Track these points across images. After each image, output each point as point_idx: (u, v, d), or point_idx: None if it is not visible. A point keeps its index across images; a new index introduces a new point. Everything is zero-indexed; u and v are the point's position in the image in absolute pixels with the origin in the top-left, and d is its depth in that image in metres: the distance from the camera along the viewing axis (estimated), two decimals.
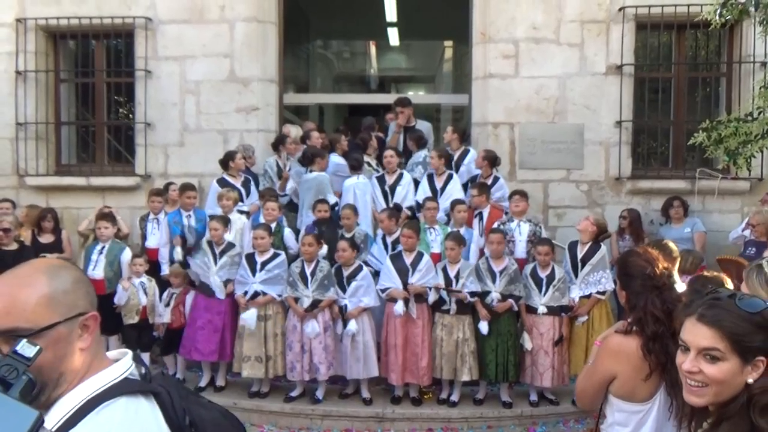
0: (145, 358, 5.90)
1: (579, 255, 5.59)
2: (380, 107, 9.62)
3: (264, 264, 5.51)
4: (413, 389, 5.51)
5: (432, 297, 5.34)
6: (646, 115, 7.23)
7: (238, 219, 6.14)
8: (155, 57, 7.24)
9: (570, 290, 5.51)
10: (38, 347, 1.00)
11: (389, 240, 5.83)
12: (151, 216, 6.45)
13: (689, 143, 5.13)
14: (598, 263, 5.48)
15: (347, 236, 5.69)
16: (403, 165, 6.66)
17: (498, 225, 5.86)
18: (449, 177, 6.34)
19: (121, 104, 7.87)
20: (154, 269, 6.08)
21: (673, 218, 6.50)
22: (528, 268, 5.58)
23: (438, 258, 5.72)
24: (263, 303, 5.46)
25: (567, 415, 5.34)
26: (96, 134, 7.71)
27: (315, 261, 5.43)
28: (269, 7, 7.31)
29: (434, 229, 5.93)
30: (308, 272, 5.40)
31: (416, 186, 6.44)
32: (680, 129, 7.06)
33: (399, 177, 6.38)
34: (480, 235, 5.93)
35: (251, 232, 5.79)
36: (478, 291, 5.35)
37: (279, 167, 6.68)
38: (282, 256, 5.63)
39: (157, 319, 5.84)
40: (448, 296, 5.33)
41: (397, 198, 6.32)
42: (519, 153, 7.02)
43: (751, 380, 1.45)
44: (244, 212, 6.31)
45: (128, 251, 6.07)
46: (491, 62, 7.03)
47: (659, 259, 2.29)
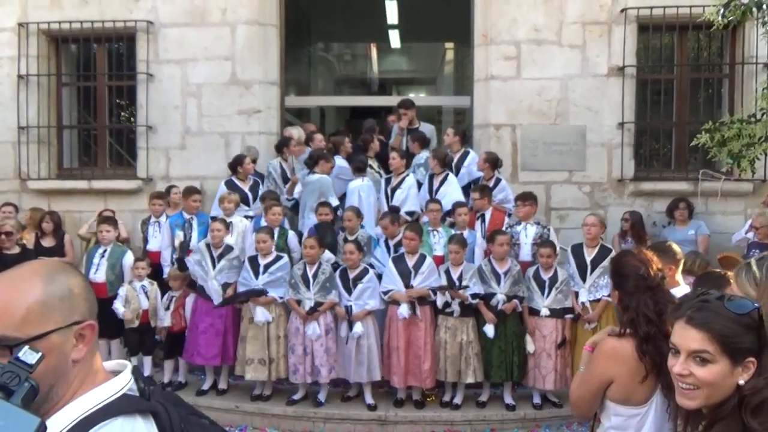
0: (148, 362, 5.90)
1: (588, 258, 5.53)
2: (381, 109, 9.63)
3: (267, 266, 5.50)
4: (416, 392, 5.49)
5: (440, 300, 5.31)
6: (648, 117, 7.21)
7: (240, 222, 6.14)
8: (157, 60, 7.24)
9: (579, 294, 5.48)
10: (40, 354, 0.96)
11: (392, 243, 5.81)
12: (153, 219, 6.45)
13: (692, 145, 5.10)
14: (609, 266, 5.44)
15: (350, 239, 5.68)
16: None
17: (506, 227, 5.85)
18: (444, 178, 6.32)
19: (123, 107, 7.86)
20: (156, 272, 6.07)
21: (678, 220, 6.48)
22: (531, 271, 5.56)
23: (441, 260, 5.70)
24: (265, 303, 5.45)
25: (570, 418, 5.31)
26: (98, 138, 7.70)
27: (317, 263, 5.43)
28: (270, 10, 7.31)
29: (437, 231, 5.91)
30: (310, 275, 5.39)
31: (420, 187, 6.42)
32: (682, 130, 7.04)
33: (401, 180, 6.37)
34: (482, 237, 5.92)
35: (253, 235, 5.77)
36: (482, 293, 5.34)
37: (283, 169, 6.67)
38: (285, 259, 5.62)
39: (159, 323, 5.84)
40: (451, 298, 5.31)
41: (396, 201, 6.30)
42: (521, 155, 7.00)
43: (742, 381, 1.44)
44: (250, 216, 6.30)
45: (130, 254, 6.07)
46: (493, 64, 7.02)
47: (653, 261, 2.28)
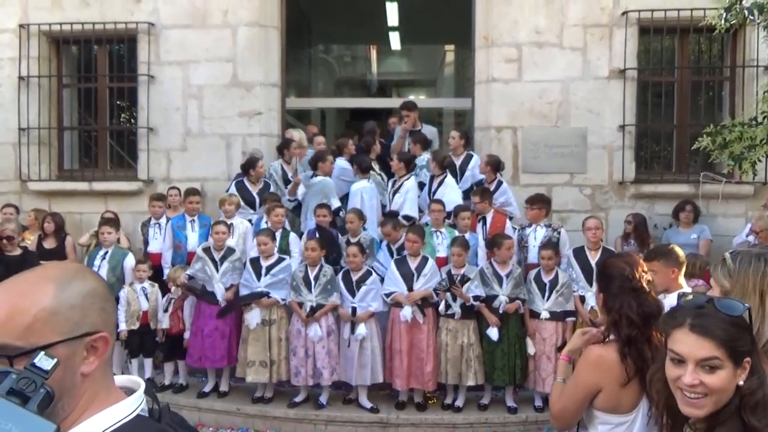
0: (148, 364, 5.89)
1: (592, 261, 5.50)
2: (382, 111, 9.63)
3: (269, 268, 5.49)
4: (418, 394, 5.48)
5: (442, 305, 5.29)
6: (649, 119, 7.22)
7: (241, 223, 6.14)
8: (158, 62, 7.24)
9: (585, 298, 5.45)
10: (56, 360, 0.94)
11: (394, 247, 5.79)
12: (153, 221, 6.43)
13: (693, 147, 5.11)
14: None
15: (353, 241, 5.67)
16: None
17: (517, 230, 5.88)
18: (442, 180, 6.31)
19: (124, 109, 7.86)
20: (157, 274, 6.06)
21: (682, 222, 6.45)
22: (532, 273, 5.56)
23: (444, 262, 5.69)
24: (267, 305, 5.44)
25: None
26: (98, 139, 7.69)
27: (318, 265, 5.42)
28: (271, 12, 7.31)
29: (440, 233, 5.89)
30: (311, 277, 5.38)
31: (422, 189, 6.42)
32: (683, 133, 7.05)
33: (401, 185, 6.33)
34: (483, 240, 5.91)
35: (255, 239, 5.76)
36: (484, 295, 5.33)
37: (284, 171, 6.67)
38: (287, 261, 5.61)
39: (159, 325, 5.83)
40: (452, 298, 5.29)
41: (394, 205, 6.31)
42: (522, 157, 7.00)
43: (741, 382, 1.45)
44: (249, 219, 6.30)
45: (131, 257, 6.06)
46: (494, 66, 7.02)
47: (640, 264, 2.26)
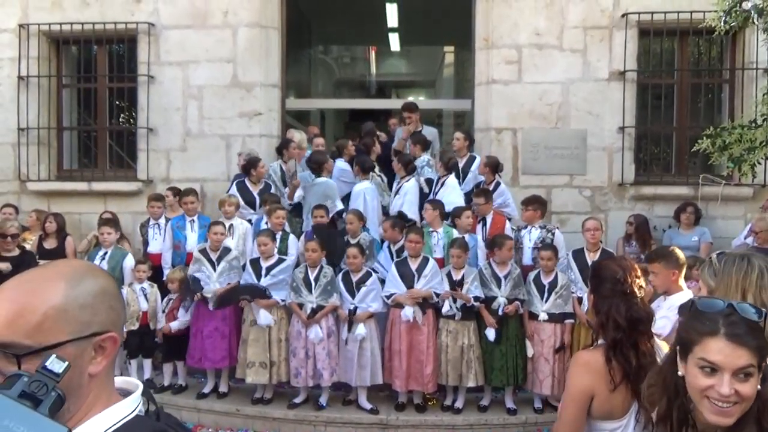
0: (147, 365, 5.88)
1: (591, 262, 5.44)
2: (381, 112, 9.64)
3: (269, 269, 5.49)
4: (417, 396, 5.48)
5: (446, 307, 5.28)
6: (649, 121, 7.24)
7: (241, 224, 6.13)
8: (158, 62, 7.24)
9: (583, 299, 5.43)
10: (67, 363, 0.93)
11: (394, 248, 5.78)
12: (152, 221, 6.42)
13: (693, 149, 5.12)
14: None
15: (353, 242, 5.67)
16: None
17: (512, 231, 5.86)
18: (444, 181, 6.32)
19: (123, 109, 7.86)
20: (157, 274, 6.05)
21: (683, 224, 6.45)
22: (531, 275, 5.55)
23: (440, 263, 5.67)
24: (267, 305, 5.43)
25: None
26: (98, 139, 7.69)
27: (318, 267, 5.41)
28: (272, 13, 7.32)
29: (437, 233, 5.87)
30: (312, 278, 5.38)
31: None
32: (683, 135, 7.07)
33: (400, 186, 6.34)
34: (483, 241, 5.91)
35: (255, 242, 5.73)
36: (482, 297, 5.33)
37: (283, 172, 6.66)
38: (287, 261, 5.60)
39: (159, 325, 5.82)
40: (453, 301, 5.29)
41: (393, 207, 6.31)
42: (522, 158, 7.02)
43: (760, 387, 1.42)
44: (249, 220, 6.29)
45: (131, 257, 6.05)
46: (494, 68, 7.03)
47: (634, 269, 2.25)
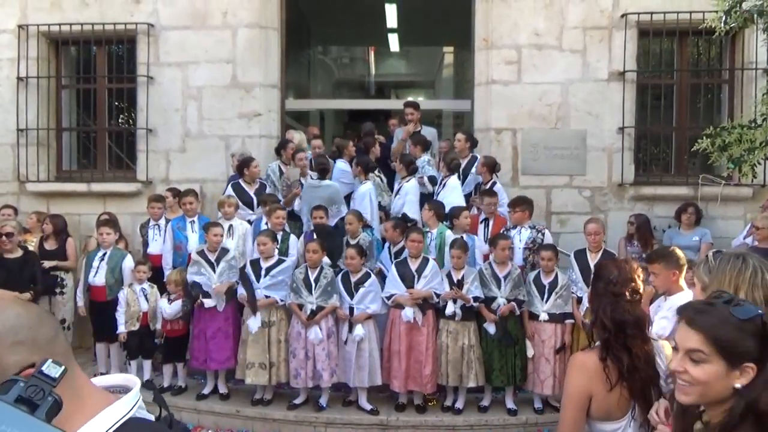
0: (147, 366, 5.88)
1: (591, 263, 5.45)
2: (380, 113, 9.64)
3: (269, 270, 5.47)
4: (417, 396, 5.47)
5: (449, 308, 5.26)
6: (649, 122, 7.23)
7: (240, 225, 6.13)
8: (157, 63, 7.23)
9: (582, 300, 5.42)
10: (63, 368, 0.93)
11: (394, 250, 5.77)
12: (152, 222, 6.42)
13: (693, 150, 5.12)
14: None
15: (352, 242, 5.66)
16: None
17: (503, 231, 5.84)
18: (446, 181, 6.30)
19: (123, 110, 7.85)
20: (157, 275, 6.05)
21: (684, 224, 6.43)
22: (531, 275, 5.54)
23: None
24: (266, 305, 5.43)
25: None
26: (97, 140, 7.67)
27: (319, 267, 5.41)
28: (271, 13, 7.31)
29: (431, 233, 5.82)
30: (312, 279, 5.37)
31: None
32: (682, 135, 7.06)
33: (401, 186, 6.33)
34: (485, 241, 5.90)
35: (255, 243, 5.72)
36: (483, 297, 5.32)
37: (282, 172, 6.66)
38: (287, 262, 5.59)
39: (158, 326, 5.81)
40: (454, 301, 5.28)
41: (393, 207, 6.29)
42: (522, 159, 7.01)
43: (739, 386, 1.46)
44: (249, 221, 6.28)
45: (129, 258, 6.05)
46: (494, 68, 7.03)
47: (633, 272, 2.24)
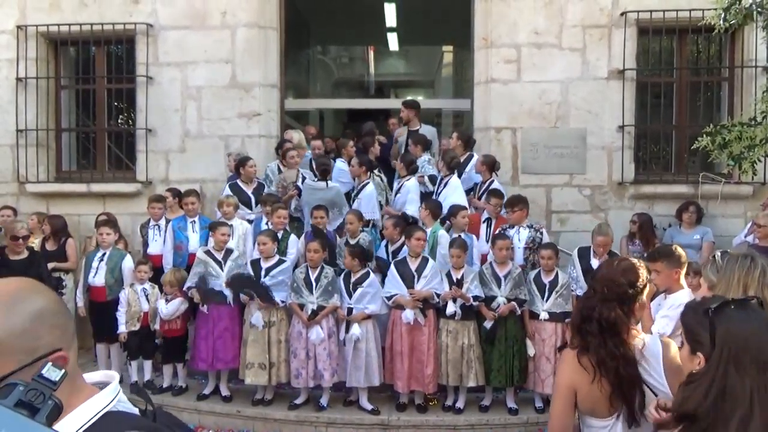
0: (148, 366, 5.87)
1: (594, 263, 5.44)
2: (380, 112, 9.63)
3: (269, 270, 5.47)
4: (418, 396, 5.46)
5: (450, 308, 5.24)
6: (649, 120, 7.22)
7: (240, 224, 6.12)
8: (156, 63, 7.22)
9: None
10: (63, 371, 0.93)
11: (391, 249, 5.76)
12: (152, 222, 6.41)
13: (693, 147, 5.10)
14: None
15: (351, 242, 5.65)
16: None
17: (500, 231, 5.83)
18: (447, 181, 6.29)
19: (122, 110, 7.84)
20: (157, 275, 6.04)
21: (685, 223, 6.42)
22: (531, 274, 5.53)
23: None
24: (265, 306, 5.39)
25: None
26: (97, 141, 7.67)
27: (320, 267, 5.40)
28: (270, 13, 7.30)
29: (425, 232, 5.81)
30: (313, 278, 5.36)
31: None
32: (682, 133, 7.05)
33: (401, 185, 6.32)
34: (486, 241, 5.89)
35: (256, 244, 5.71)
36: (482, 296, 5.31)
37: (281, 171, 6.65)
38: (287, 262, 5.59)
39: (157, 326, 5.80)
40: (453, 300, 5.27)
41: (394, 206, 6.27)
42: (521, 158, 7.00)
43: (694, 370, 1.69)
44: (249, 220, 6.27)
45: (129, 258, 6.04)
46: (493, 67, 7.02)
47: (622, 276, 2.17)
